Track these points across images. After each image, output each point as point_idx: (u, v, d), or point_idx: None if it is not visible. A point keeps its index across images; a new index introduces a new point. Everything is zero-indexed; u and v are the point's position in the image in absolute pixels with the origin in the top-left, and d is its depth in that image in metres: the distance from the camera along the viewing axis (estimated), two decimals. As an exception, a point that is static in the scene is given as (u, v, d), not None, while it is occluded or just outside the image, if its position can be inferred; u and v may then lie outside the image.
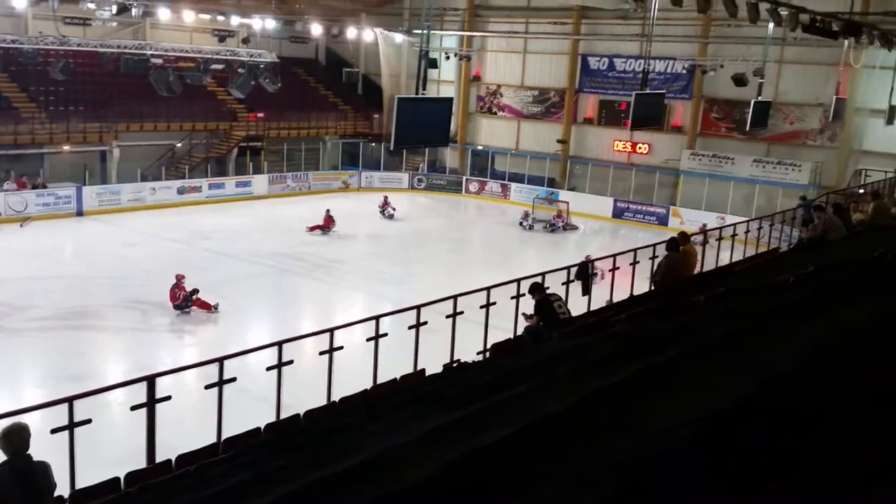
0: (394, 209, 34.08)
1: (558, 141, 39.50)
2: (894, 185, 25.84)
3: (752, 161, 34.00)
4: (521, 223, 33.20)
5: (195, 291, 20.07)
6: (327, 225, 30.08)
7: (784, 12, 18.21)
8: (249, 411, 8.73)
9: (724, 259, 15.82)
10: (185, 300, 19.95)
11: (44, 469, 5.86)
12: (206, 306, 20.06)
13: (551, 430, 3.65)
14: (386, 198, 34.91)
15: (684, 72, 35.56)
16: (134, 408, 7.53)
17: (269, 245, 27.90)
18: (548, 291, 10.59)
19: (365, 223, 34.45)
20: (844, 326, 5.11)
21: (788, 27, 19.46)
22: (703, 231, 18.77)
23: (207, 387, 8.22)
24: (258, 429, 8.00)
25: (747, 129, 28.03)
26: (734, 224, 17.26)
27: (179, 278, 20.19)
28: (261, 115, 38.50)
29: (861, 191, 24.08)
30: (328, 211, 30.48)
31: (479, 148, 42.44)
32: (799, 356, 4.49)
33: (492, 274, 17.59)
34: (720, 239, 15.84)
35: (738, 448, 3.24)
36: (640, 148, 37.59)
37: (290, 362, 8.79)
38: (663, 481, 3.05)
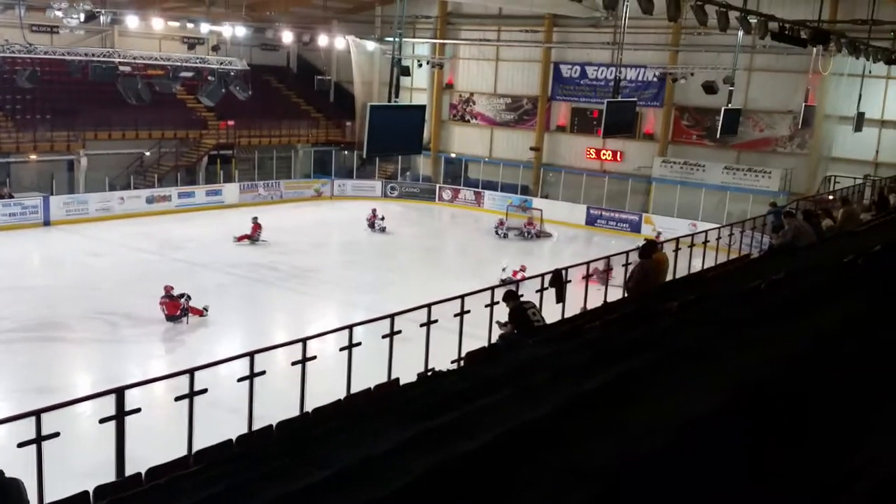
0: (383, 220, 33.00)
1: (531, 149, 39.70)
2: (863, 192, 26.24)
3: (722, 168, 34.38)
4: (496, 231, 33.21)
5: (185, 297, 20.08)
6: (255, 234, 29.59)
7: (753, 20, 18.45)
8: (221, 423, 8.64)
9: (696, 266, 15.94)
10: (181, 310, 19.92)
11: (17, 486, 5.76)
12: (197, 312, 20.13)
13: (528, 438, 3.64)
14: (374, 210, 33.74)
15: (655, 80, 35.92)
16: (103, 420, 7.43)
17: (241, 254, 27.71)
18: (522, 299, 10.60)
19: (338, 232, 34.37)
20: (816, 332, 5.17)
21: (758, 35, 19.72)
22: (657, 241, 18.84)
23: (178, 398, 8.12)
24: (230, 441, 7.92)
25: (718, 136, 28.34)
26: (706, 231, 17.41)
27: (168, 289, 20.13)
28: (231, 123, 38.29)
29: (830, 197, 24.40)
30: (255, 219, 29.99)
31: (453, 156, 42.52)
32: (772, 362, 4.53)
33: (466, 282, 17.60)
34: (692, 246, 15.95)
35: (714, 453, 3.25)
36: (606, 155, 37.91)
37: (262, 373, 8.71)
38: (641, 487, 3.05)
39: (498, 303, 11.00)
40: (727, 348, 5.02)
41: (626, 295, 12.93)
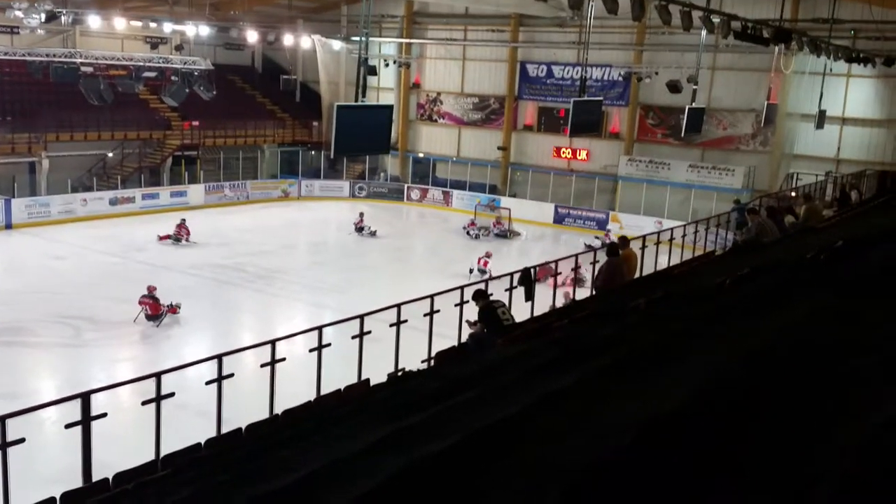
0: (366, 225, 32.14)
1: (499, 148, 39.82)
2: (825, 188, 26.66)
3: (687, 166, 34.74)
4: (466, 231, 33.10)
5: (172, 305, 20.27)
6: (179, 234, 29.24)
7: (716, 20, 18.65)
8: (189, 427, 8.56)
9: (663, 263, 16.09)
10: (161, 311, 20.04)
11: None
12: (173, 310, 20.28)
13: (498, 437, 3.66)
14: (361, 215, 32.94)
15: (621, 79, 36.17)
16: (69, 426, 7.32)
17: (207, 256, 27.47)
18: (491, 298, 10.63)
19: (306, 232, 34.19)
20: (780, 326, 5.24)
21: (721, 34, 19.93)
22: (604, 243, 18.88)
23: (144, 403, 8.04)
24: (198, 444, 7.85)
25: (682, 135, 28.56)
26: (671, 228, 17.58)
27: (151, 290, 20.24)
28: (196, 123, 37.93)
29: (793, 194, 24.76)
30: (183, 220, 29.76)
31: (420, 155, 42.51)
32: (738, 357, 4.59)
33: (436, 281, 17.60)
34: (658, 243, 16.09)
35: (681, 449, 3.29)
36: (570, 153, 38.14)
37: (231, 376, 8.65)
38: (610, 484, 3.07)
39: (467, 302, 11.03)
40: (693, 345, 5.08)
41: (594, 292, 13.04)
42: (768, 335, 5.03)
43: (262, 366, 9.15)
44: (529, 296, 12.75)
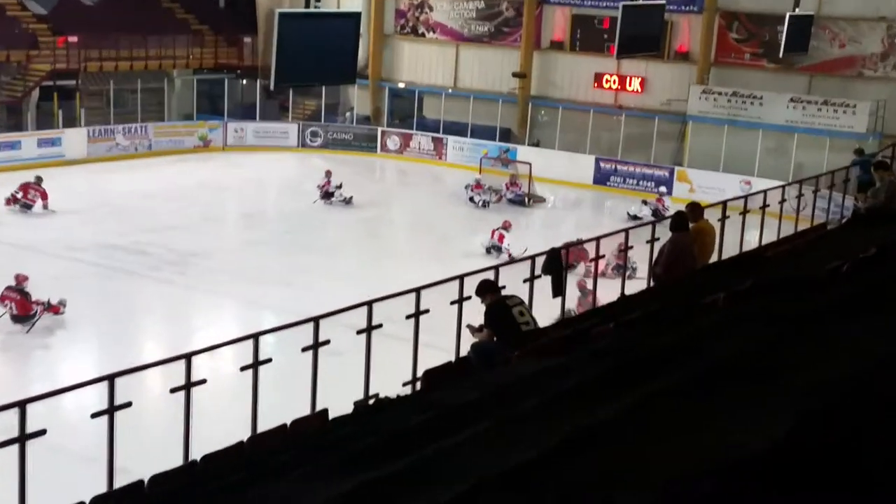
0: (340, 188, 31.73)
1: (514, 75, 39.66)
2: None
3: (787, 101, 34.67)
4: (469, 197, 32.90)
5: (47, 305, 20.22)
6: (27, 196, 29.05)
7: None
8: (69, 478, 8.60)
9: (751, 241, 16.10)
10: (32, 310, 20.04)
11: None
12: (54, 309, 20.22)
13: (510, 494, 3.69)
14: (328, 174, 32.16)
15: (691, -27, 36.15)
16: None
17: (92, 232, 27.39)
18: (504, 293, 10.64)
19: (235, 198, 34.12)
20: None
21: None
22: (657, 212, 18.65)
23: (3, 444, 8.06)
24: (81, 504, 7.89)
25: (781, 55, 28.62)
26: (764, 191, 17.57)
27: (21, 280, 20.24)
28: (74, 39, 37.72)
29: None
30: (38, 179, 29.55)
31: (401, 86, 42.38)
32: (855, 375, 4.62)
33: (423, 269, 17.59)
34: (745, 212, 16.10)
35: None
36: (630, 84, 38.03)
37: (128, 405, 8.67)
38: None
39: (470, 297, 11.04)
40: (792, 359, 5.11)
41: (652, 284, 13.07)
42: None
43: (174, 390, 9.15)
44: (558, 289, 12.79)
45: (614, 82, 38.31)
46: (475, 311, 10.77)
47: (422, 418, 4.84)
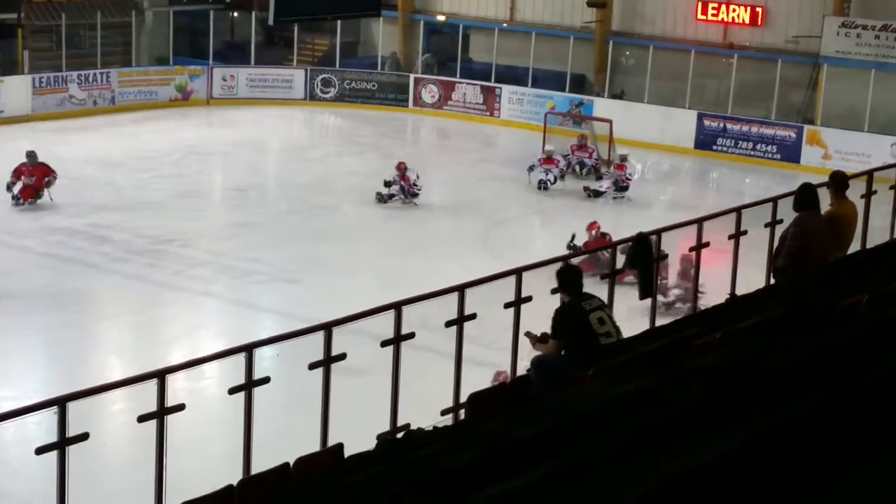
0: (418, 179, 30.14)
1: (590, 3, 39.58)
2: None
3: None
4: (540, 181, 31.94)
5: None
6: (40, 183, 28.83)
7: None
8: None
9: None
10: None
11: None
12: None
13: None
14: (403, 165, 30.16)
15: None
16: None
17: (36, 214, 27.64)
18: (583, 291, 10.61)
19: (222, 168, 34.26)
20: None
21: None
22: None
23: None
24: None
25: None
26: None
27: None
28: (15, -40, 38.12)
29: None
30: (32, 157, 29.16)
31: (441, 19, 42.43)
32: None
33: (468, 262, 17.60)
34: (896, 187, 16.05)
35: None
36: (743, 15, 37.80)
37: (85, 437, 8.74)
38: None
39: (530, 298, 11.04)
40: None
41: (773, 279, 13.01)
42: None
43: (142, 419, 9.22)
44: (646, 289, 12.74)
45: (724, 12, 38.05)
46: (537, 316, 10.77)
47: (466, 458, 4.85)
